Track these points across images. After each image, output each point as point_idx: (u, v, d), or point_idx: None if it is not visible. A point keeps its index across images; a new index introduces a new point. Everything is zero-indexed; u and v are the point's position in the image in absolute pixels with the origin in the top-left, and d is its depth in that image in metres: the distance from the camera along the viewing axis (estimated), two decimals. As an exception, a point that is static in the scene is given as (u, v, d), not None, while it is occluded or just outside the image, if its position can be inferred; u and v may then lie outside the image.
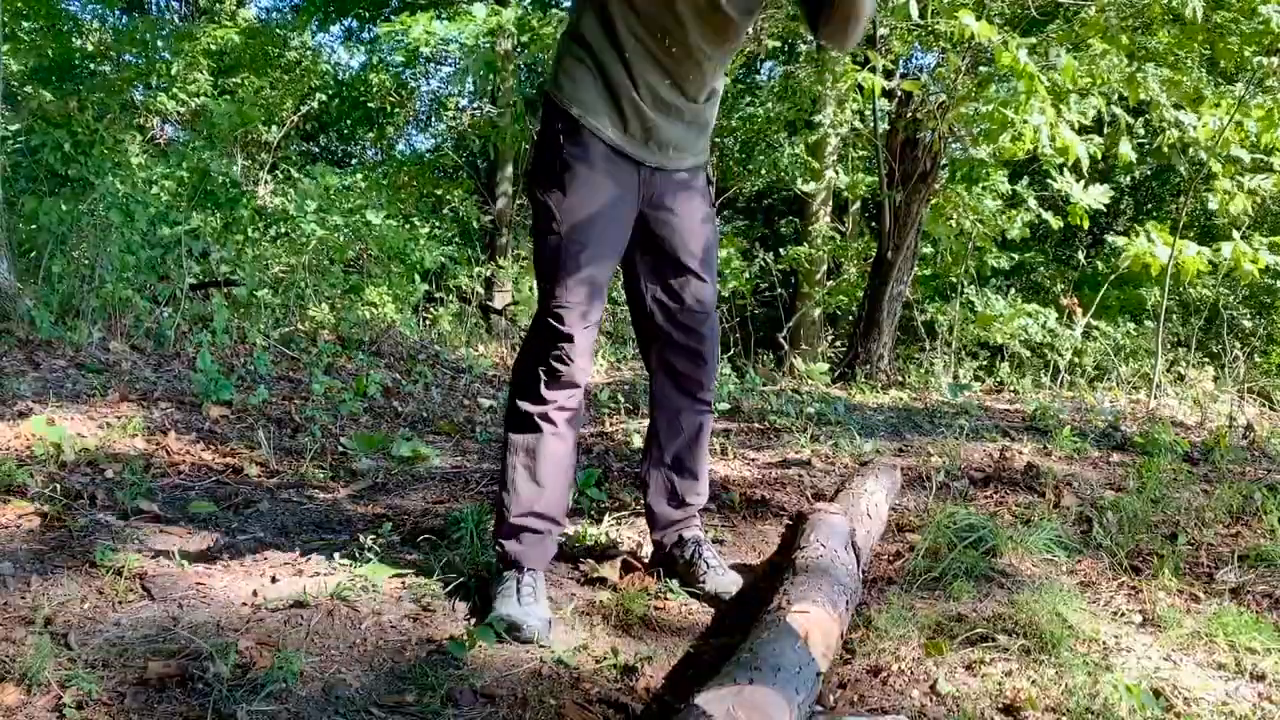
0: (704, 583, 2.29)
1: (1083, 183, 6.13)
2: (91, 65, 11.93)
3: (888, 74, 6.63)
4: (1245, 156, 5.99)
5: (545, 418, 2.11)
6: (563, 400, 2.12)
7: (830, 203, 10.85)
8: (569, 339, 2.06)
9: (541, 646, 1.99)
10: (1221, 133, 5.78)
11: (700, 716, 1.53)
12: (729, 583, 2.31)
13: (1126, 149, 5.87)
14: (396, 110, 12.36)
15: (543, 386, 2.10)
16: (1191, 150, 6.64)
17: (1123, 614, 2.28)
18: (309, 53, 12.23)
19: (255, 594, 2.14)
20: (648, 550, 2.49)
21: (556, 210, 2.04)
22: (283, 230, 7.97)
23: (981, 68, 6.56)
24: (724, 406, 4.59)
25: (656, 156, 2.12)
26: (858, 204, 10.89)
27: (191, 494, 2.88)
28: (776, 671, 1.69)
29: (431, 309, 7.71)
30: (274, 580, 2.24)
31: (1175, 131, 5.97)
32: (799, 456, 3.69)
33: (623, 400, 4.72)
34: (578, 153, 2.05)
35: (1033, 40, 6.09)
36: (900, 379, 6.63)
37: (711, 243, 2.26)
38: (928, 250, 8.26)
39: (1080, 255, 9.83)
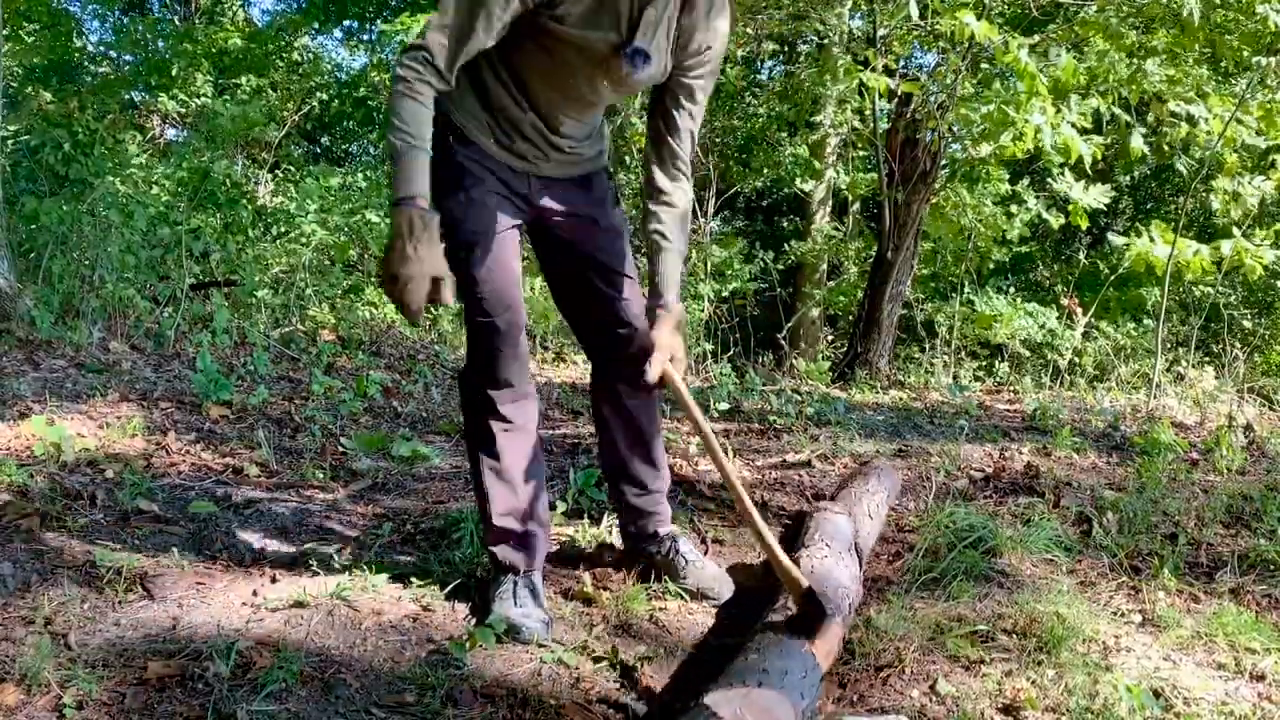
0: (685, 578, 2.28)
1: (1083, 182, 6.13)
2: (91, 65, 11.92)
3: (888, 72, 6.63)
4: (1261, 144, 5.98)
5: (498, 419, 2.11)
6: (508, 400, 2.11)
7: (830, 202, 10.85)
8: (496, 330, 2.05)
9: (541, 646, 1.99)
10: (1225, 128, 5.78)
11: (710, 717, 1.54)
12: (710, 578, 2.28)
13: (1138, 142, 5.86)
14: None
15: (487, 390, 2.10)
16: (1192, 149, 6.63)
17: (1123, 614, 2.28)
18: (309, 54, 12.23)
19: (255, 594, 2.14)
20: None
21: (460, 214, 2.02)
22: (283, 230, 7.96)
23: (983, 65, 6.56)
24: (724, 406, 4.59)
25: (543, 167, 2.10)
26: (857, 204, 10.89)
27: (191, 494, 2.88)
28: (783, 675, 1.70)
29: (431, 309, 7.70)
30: (274, 580, 2.24)
31: (1185, 126, 5.96)
32: (799, 457, 3.68)
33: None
34: (470, 157, 2.04)
35: (1033, 40, 6.09)
36: (900, 379, 6.63)
37: (622, 238, 2.22)
38: (927, 245, 8.26)
39: (1080, 255, 9.83)
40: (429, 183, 1.86)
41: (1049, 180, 6.63)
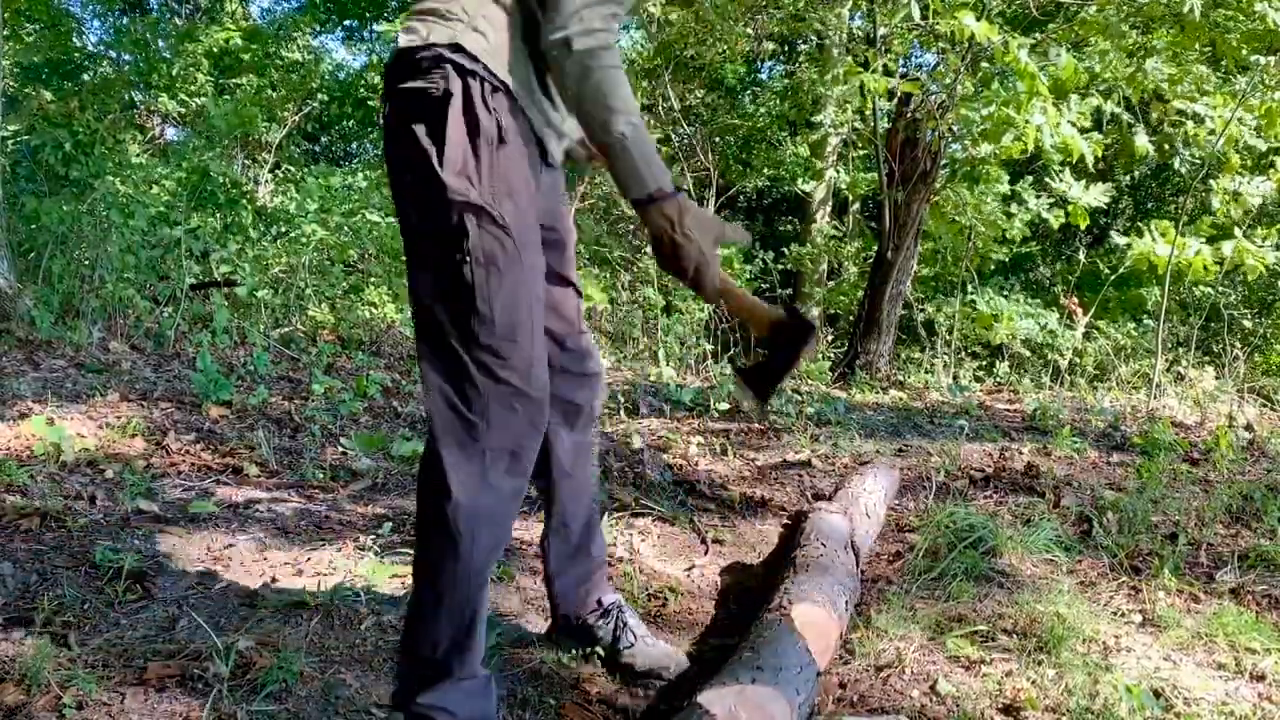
0: (633, 658, 1.89)
1: (1083, 182, 6.14)
2: (91, 65, 11.93)
3: (888, 71, 6.64)
4: (1262, 145, 5.99)
5: (505, 510, 1.61)
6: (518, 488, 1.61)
7: (830, 202, 10.86)
8: (540, 408, 1.55)
9: (541, 648, 1.96)
10: (1226, 126, 5.79)
11: (703, 715, 1.53)
12: (663, 656, 1.90)
13: (1143, 140, 5.87)
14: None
15: (505, 472, 1.57)
16: (1193, 147, 6.64)
17: (1123, 614, 2.28)
18: (309, 54, 12.24)
19: (255, 594, 2.14)
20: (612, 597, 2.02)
21: (504, 218, 1.47)
22: (283, 230, 7.97)
23: (984, 65, 6.56)
24: (723, 406, 4.59)
25: (559, 149, 1.68)
26: (857, 204, 10.90)
27: (191, 494, 2.88)
28: (778, 672, 1.69)
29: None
30: (274, 580, 2.24)
31: (1191, 124, 5.96)
32: (799, 456, 3.69)
33: (622, 400, 4.72)
34: (515, 134, 1.50)
35: (1033, 40, 6.09)
36: (900, 379, 6.63)
37: (573, 243, 1.87)
38: (928, 245, 8.26)
39: (1080, 255, 9.83)
40: None
41: (1049, 179, 6.63)
